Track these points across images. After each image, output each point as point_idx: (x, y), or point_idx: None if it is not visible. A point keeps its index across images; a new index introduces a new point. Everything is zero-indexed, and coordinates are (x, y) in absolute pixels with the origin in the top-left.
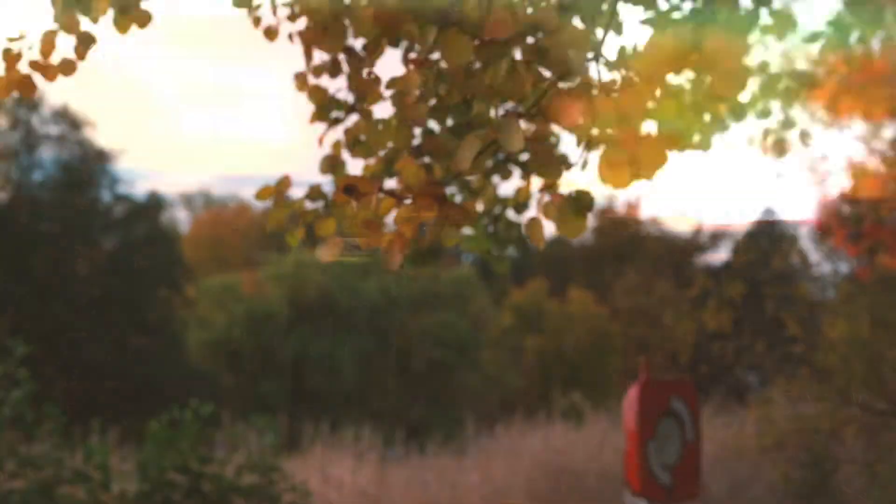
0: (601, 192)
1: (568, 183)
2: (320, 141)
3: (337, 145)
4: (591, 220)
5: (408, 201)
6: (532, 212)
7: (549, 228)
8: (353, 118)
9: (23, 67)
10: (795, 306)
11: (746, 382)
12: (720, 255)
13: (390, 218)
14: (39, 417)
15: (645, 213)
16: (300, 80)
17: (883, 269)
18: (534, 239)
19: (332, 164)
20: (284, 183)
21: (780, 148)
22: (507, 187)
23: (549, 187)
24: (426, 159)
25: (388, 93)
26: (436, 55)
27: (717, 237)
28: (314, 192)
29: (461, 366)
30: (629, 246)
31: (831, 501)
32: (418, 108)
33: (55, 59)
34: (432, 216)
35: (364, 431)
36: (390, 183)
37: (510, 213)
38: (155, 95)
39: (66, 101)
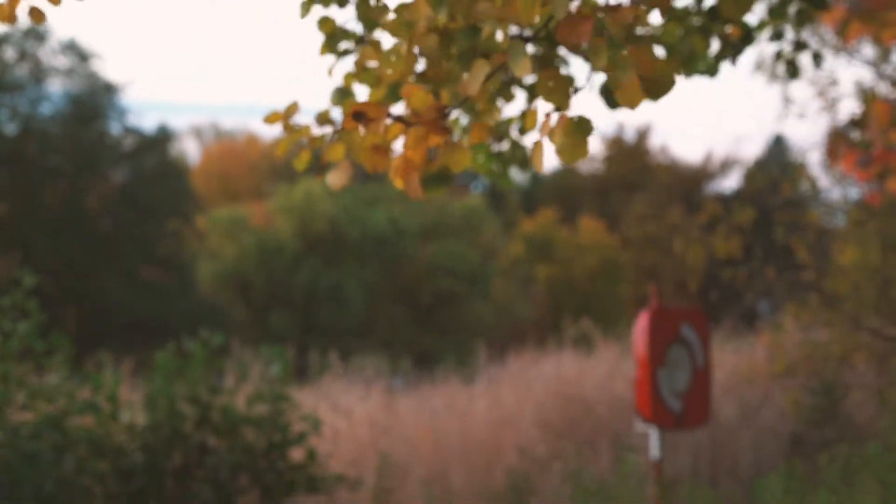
0: (608, 119)
1: (573, 107)
2: (329, 71)
3: (348, 76)
4: (600, 149)
5: (415, 126)
6: (535, 135)
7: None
8: (362, 49)
9: None
10: (805, 233)
11: (756, 309)
12: (730, 183)
13: (399, 144)
14: (49, 349)
15: (655, 140)
16: (305, 8)
17: (892, 195)
18: (535, 162)
19: (342, 95)
20: (292, 108)
21: (791, 70)
22: (511, 109)
23: (557, 109)
24: (431, 86)
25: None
26: None
27: (726, 165)
28: (322, 118)
29: (471, 295)
30: (639, 174)
31: (841, 428)
32: (428, 37)
33: None
34: (440, 141)
35: (373, 361)
36: (397, 110)
37: (514, 134)
38: (164, 24)
39: (75, 33)
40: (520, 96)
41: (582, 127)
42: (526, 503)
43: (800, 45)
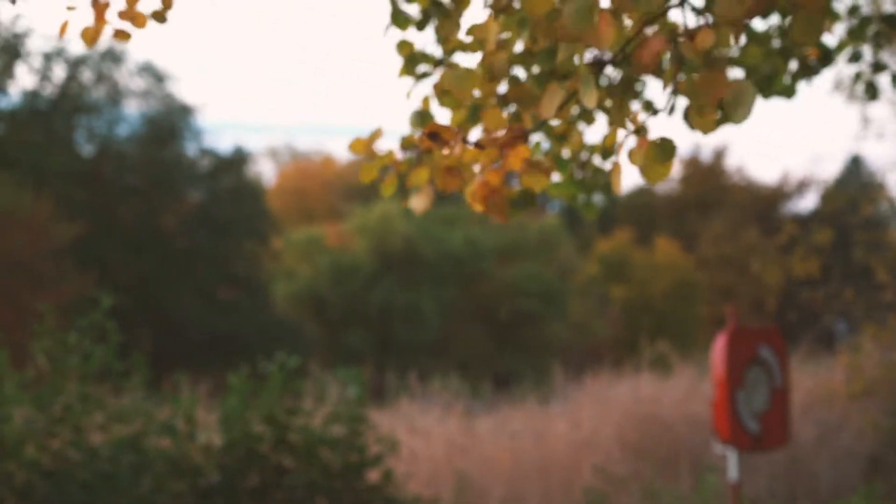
0: (688, 140)
1: (655, 129)
2: (408, 94)
3: (426, 100)
4: (677, 169)
5: (490, 148)
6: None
7: (635, 177)
8: (441, 72)
9: (112, 18)
10: (885, 252)
11: (835, 330)
12: (807, 203)
13: (477, 168)
14: (127, 370)
15: (731, 160)
16: (387, 30)
17: None
18: (614, 183)
19: (421, 117)
20: (376, 134)
21: (871, 91)
22: (595, 134)
23: (636, 133)
24: (512, 108)
25: (469, 41)
26: (517, 2)
27: (803, 185)
28: (406, 142)
29: (547, 315)
30: (715, 194)
31: None
32: (499, 56)
33: (143, 8)
34: (518, 162)
35: (451, 382)
36: (476, 133)
37: (596, 160)
38: (240, 45)
39: (151, 55)
40: (601, 120)
41: (664, 148)
42: None
43: (879, 67)
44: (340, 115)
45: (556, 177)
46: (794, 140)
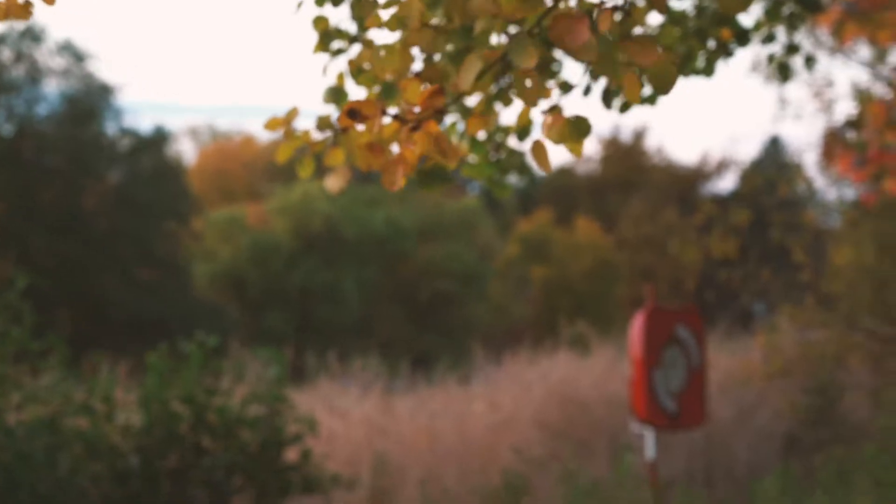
0: (607, 120)
1: (570, 108)
2: (324, 71)
3: (340, 76)
4: (597, 150)
5: (409, 123)
6: (535, 137)
7: (555, 158)
8: (356, 49)
9: None
10: (801, 233)
11: (753, 310)
12: (726, 184)
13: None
14: (45, 350)
15: (651, 141)
16: (299, 6)
17: (888, 195)
18: (540, 163)
19: (335, 94)
20: (292, 114)
21: (784, 72)
22: (511, 115)
23: (551, 111)
24: (427, 86)
25: (388, 17)
26: None
27: (722, 166)
28: (323, 123)
29: (468, 296)
30: (635, 175)
31: (837, 428)
32: (423, 34)
33: None
34: (435, 135)
35: (371, 362)
36: (394, 110)
37: (512, 141)
38: (160, 25)
39: (71, 34)
40: (518, 101)
41: (579, 126)
42: (521, 503)
43: (792, 48)
44: (261, 96)
45: (472, 158)
46: (713, 121)
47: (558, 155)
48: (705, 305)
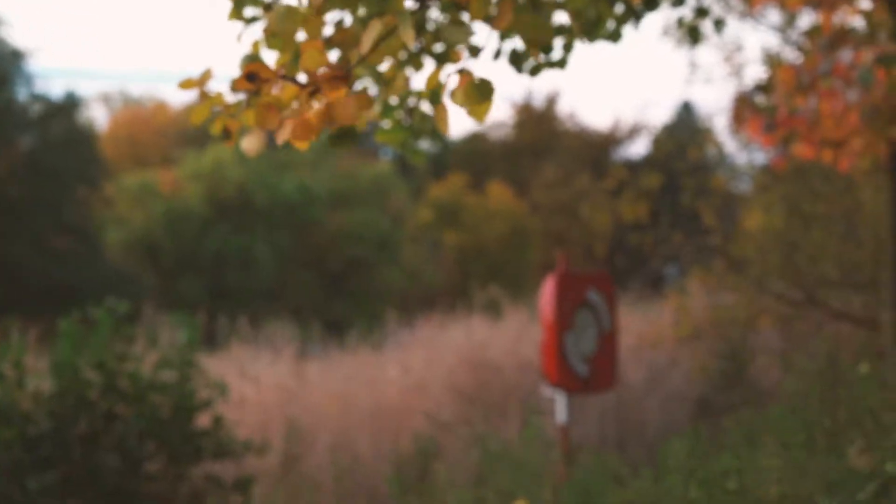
0: (518, 85)
1: (479, 72)
2: (238, 38)
3: (256, 44)
4: (510, 115)
5: (310, 86)
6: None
7: (468, 123)
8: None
9: None
10: (711, 197)
11: (665, 274)
12: (638, 149)
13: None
14: None
15: (564, 107)
16: None
17: (797, 160)
18: (440, 123)
19: (250, 61)
20: (206, 76)
21: (693, 36)
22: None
23: (459, 73)
24: (337, 50)
25: None
26: None
27: (635, 130)
28: (235, 85)
29: (381, 261)
30: (547, 140)
31: (747, 391)
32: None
33: None
34: (336, 97)
35: (283, 328)
36: (303, 76)
37: (425, 106)
38: None
39: None
40: (430, 65)
41: (483, 89)
42: (432, 467)
43: (701, 12)
44: (174, 62)
45: (385, 123)
46: (626, 87)
47: (471, 120)
48: (617, 269)
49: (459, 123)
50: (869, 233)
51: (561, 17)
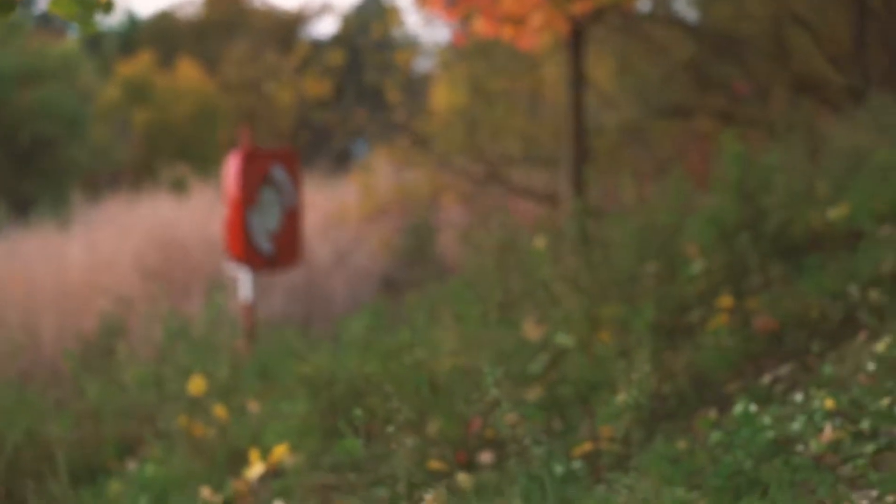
0: None
1: None
2: None
3: None
4: None
5: None
6: None
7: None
8: None
9: None
10: (394, 74)
11: (351, 151)
12: (326, 27)
13: None
14: None
15: None
16: None
17: (478, 36)
18: None
19: None
20: None
21: None
22: None
23: None
24: None
25: None
26: None
27: (324, 9)
28: None
29: (68, 140)
30: (237, 17)
31: (431, 267)
32: None
33: None
34: None
35: None
36: None
37: None
38: None
39: None
40: None
41: None
42: (115, 345)
43: None
44: None
45: None
46: None
47: None
48: (303, 147)
49: (148, 1)
50: (550, 110)
51: None
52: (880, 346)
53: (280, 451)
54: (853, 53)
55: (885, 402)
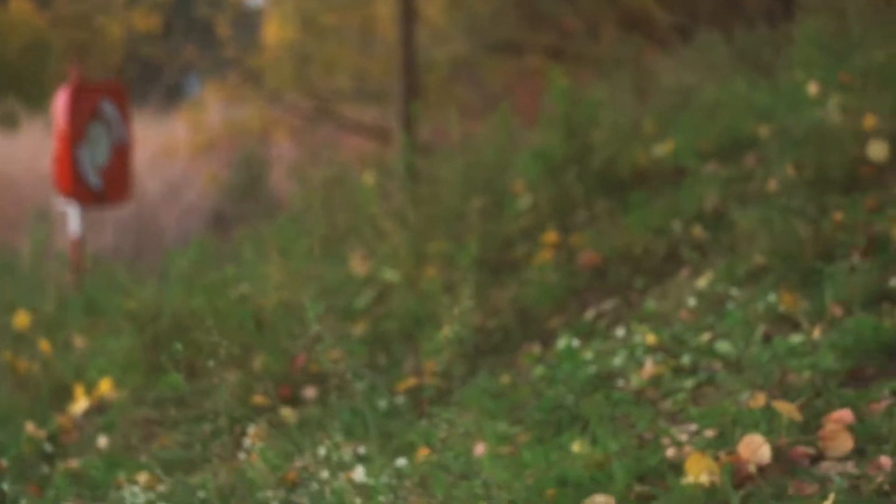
0: None
1: None
2: None
3: None
4: None
5: None
6: None
7: None
8: None
9: None
10: (224, 9)
11: (183, 86)
12: None
13: None
14: None
15: None
16: None
17: None
18: None
19: None
20: None
21: None
22: None
23: None
24: None
25: None
26: None
27: None
28: None
29: None
30: None
31: (262, 202)
32: None
33: None
34: None
35: None
36: None
37: None
38: None
39: None
40: None
41: None
42: None
43: None
44: None
45: None
46: None
47: None
48: (134, 82)
49: None
50: (382, 45)
51: None
52: (702, 282)
53: (104, 386)
54: None
55: (706, 337)
